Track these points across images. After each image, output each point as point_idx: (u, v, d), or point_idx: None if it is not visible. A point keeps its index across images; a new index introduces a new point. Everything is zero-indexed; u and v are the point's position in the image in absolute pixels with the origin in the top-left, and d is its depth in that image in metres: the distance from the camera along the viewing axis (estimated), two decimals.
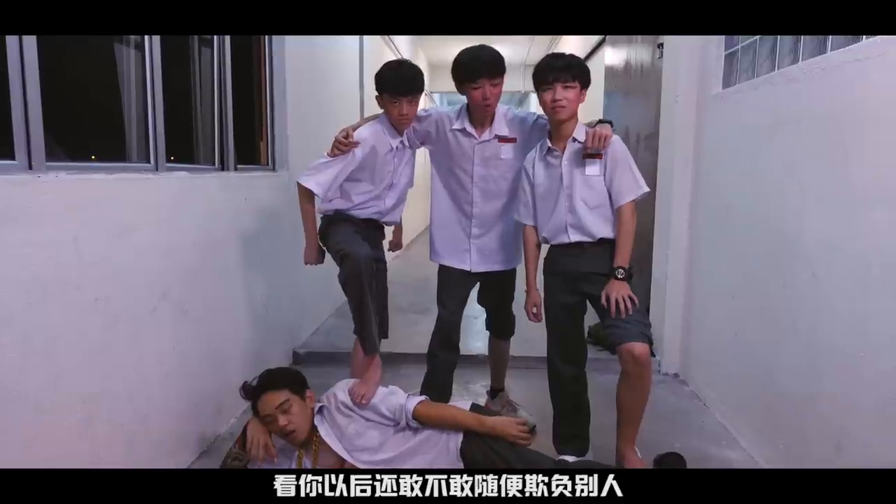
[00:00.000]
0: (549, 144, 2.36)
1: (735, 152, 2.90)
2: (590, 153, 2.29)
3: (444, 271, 2.72)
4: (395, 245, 3.04)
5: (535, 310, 2.50)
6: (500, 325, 2.92)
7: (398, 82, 2.37)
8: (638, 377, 2.22)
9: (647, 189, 2.31)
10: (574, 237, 2.35)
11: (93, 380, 1.89)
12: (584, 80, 2.28)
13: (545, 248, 2.52)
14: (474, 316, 4.19)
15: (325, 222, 2.57)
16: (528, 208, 2.47)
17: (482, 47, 2.39)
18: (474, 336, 4.19)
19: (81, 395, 1.84)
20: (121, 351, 2.01)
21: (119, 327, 1.99)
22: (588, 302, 2.43)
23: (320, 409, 2.27)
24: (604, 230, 2.33)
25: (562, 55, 2.31)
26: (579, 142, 2.32)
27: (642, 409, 2.32)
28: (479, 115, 2.47)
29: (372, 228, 2.60)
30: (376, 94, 2.45)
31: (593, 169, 2.31)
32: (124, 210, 2.02)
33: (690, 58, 3.39)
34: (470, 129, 2.50)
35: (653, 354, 2.51)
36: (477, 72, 2.34)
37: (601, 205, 2.33)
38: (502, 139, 2.51)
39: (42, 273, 1.67)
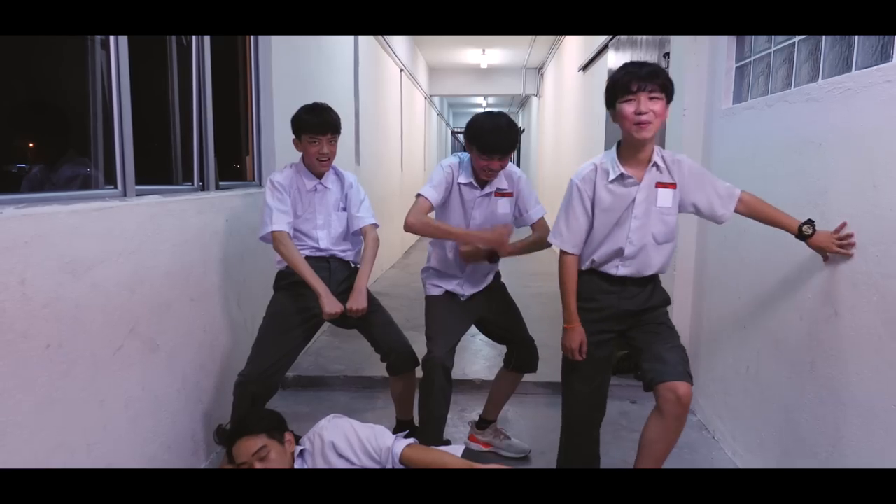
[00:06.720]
0: (622, 170, 2.05)
1: (747, 172, 2.71)
2: (662, 182, 2.06)
3: (435, 307, 2.60)
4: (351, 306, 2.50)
5: (582, 347, 2.16)
6: (523, 357, 2.70)
7: (319, 120, 2.51)
8: (676, 419, 2.04)
9: (738, 190, 2.13)
10: (622, 271, 2.12)
11: (45, 434, 1.71)
12: (670, 92, 1.98)
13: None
14: (471, 334, 4.00)
15: (276, 278, 2.65)
16: (577, 236, 2.13)
17: (506, 123, 2.37)
18: (472, 356, 4.00)
19: (30, 452, 1.66)
20: (78, 398, 1.83)
21: (76, 373, 1.81)
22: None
23: (301, 452, 2.11)
24: (656, 268, 2.15)
25: (643, 62, 2.00)
26: (660, 167, 2.07)
27: (669, 451, 2.13)
28: (481, 177, 2.47)
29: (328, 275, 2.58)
30: (293, 137, 2.56)
31: (666, 199, 2.08)
32: (83, 244, 1.84)
33: (698, 69, 3.21)
34: (475, 182, 2.48)
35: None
36: (494, 148, 2.33)
37: (669, 240, 2.14)
38: (500, 193, 2.52)
39: None
